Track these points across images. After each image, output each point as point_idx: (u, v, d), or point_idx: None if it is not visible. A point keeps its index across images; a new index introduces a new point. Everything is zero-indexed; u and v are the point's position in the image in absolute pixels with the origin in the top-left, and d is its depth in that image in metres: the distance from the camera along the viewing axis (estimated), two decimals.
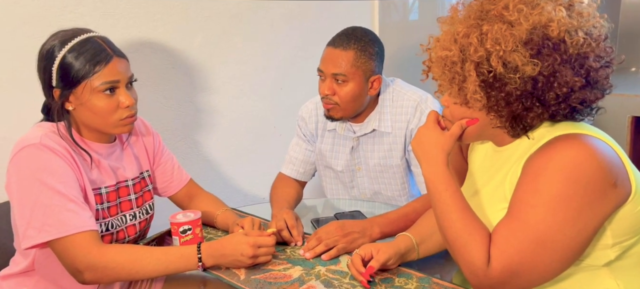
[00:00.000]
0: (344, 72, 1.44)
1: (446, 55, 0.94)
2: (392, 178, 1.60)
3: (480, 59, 0.90)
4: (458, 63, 0.93)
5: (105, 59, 1.17)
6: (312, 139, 1.69)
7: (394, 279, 1.10)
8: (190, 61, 1.89)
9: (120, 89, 1.20)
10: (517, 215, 0.90)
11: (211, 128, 1.99)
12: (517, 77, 0.89)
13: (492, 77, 0.90)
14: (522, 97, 0.91)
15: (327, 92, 1.47)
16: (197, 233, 1.25)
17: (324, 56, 1.49)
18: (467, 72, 0.92)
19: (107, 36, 1.24)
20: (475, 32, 0.91)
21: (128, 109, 1.20)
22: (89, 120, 1.20)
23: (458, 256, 0.94)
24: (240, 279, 1.12)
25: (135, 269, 1.11)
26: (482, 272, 0.90)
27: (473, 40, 0.91)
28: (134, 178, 1.32)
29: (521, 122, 0.95)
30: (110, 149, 1.28)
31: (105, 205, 1.23)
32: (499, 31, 0.89)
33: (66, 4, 1.58)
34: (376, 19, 2.38)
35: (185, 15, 1.84)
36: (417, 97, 1.54)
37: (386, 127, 1.55)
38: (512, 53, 0.88)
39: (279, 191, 1.61)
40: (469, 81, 0.92)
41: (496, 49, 0.89)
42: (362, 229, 1.26)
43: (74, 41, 1.16)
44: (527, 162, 0.93)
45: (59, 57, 1.15)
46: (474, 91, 0.92)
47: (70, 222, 1.10)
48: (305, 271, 1.14)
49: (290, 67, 2.16)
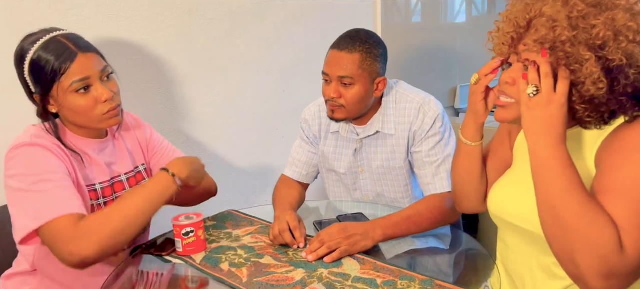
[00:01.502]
0: (350, 74, 1.44)
1: (557, 33, 0.88)
2: (395, 180, 1.60)
3: (601, 44, 0.86)
4: (567, 43, 0.88)
5: (70, 57, 1.14)
6: (315, 142, 1.69)
7: (397, 281, 1.10)
8: (192, 64, 1.89)
9: (95, 84, 1.18)
10: (631, 195, 0.84)
11: (214, 130, 2.00)
12: (633, 72, 0.87)
13: (611, 67, 0.87)
14: (630, 93, 0.89)
15: (333, 95, 1.47)
16: (200, 235, 1.25)
17: (328, 59, 1.48)
18: (582, 55, 0.87)
19: (111, 39, 1.23)
20: (596, 14, 0.87)
21: (107, 102, 1.19)
22: (74, 119, 1.20)
23: (579, 241, 0.84)
24: (242, 282, 1.12)
25: (120, 217, 1.09)
26: (615, 256, 0.82)
27: (596, 23, 0.86)
28: (127, 172, 1.31)
29: (610, 116, 0.93)
30: (103, 144, 1.28)
31: (100, 201, 1.23)
32: (623, 19, 0.85)
33: (70, 7, 1.59)
34: (379, 21, 2.38)
35: (188, 18, 1.85)
36: (420, 99, 1.54)
37: (389, 129, 1.55)
38: (637, 46, 0.85)
39: (282, 193, 1.61)
40: (588, 65, 0.87)
41: (620, 39, 0.85)
42: (365, 232, 1.26)
43: (38, 44, 1.14)
44: (610, 143, 0.91)
45: (27, 62, 1.15)
46: (598, 77, 0.87)
47: (59, 206, 1.09)
48: (307, 274, 1.14)
49: (293, 70, 2.17)
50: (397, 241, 1.32)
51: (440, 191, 1.45)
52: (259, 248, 1.28)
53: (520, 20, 0.94)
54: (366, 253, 1.24)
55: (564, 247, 0.87)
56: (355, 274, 1.13)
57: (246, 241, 1.33)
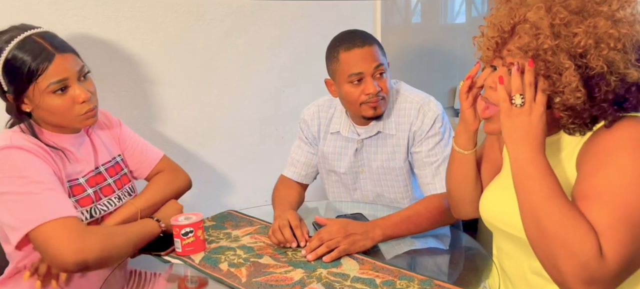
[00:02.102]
0: (383, 62, 1.47)
1: (540, 41, 0.88)
2: (395, 180, 1.59)
3: (583, 52, 0.86)
4: (549, 51, 0.88)
5: (47, 58, 1.12)
6: (314, 142, 1.69)
7: (396, 281, 1.10)
8: (192, 64, 1.89)
9: (72, 85, 1.16)
10: (610, 200, 0.85)
11: (214, 131, 2.00)
12: (614, 79, 0.86)
13: (591, 74, 0.86)
14: (611, 99, 0.89)
15: (376, 89, 1.45)
16: (199, 236, 1.25)
17: (355, 58, 1.45)
18: (562, 64, 0.87)
19: (111, 40, 1.23)
20: (578, 22, 0.86)
21: (85, 103, 1.18)
22: (50, 119, 1.19)
23: (560, 248, 0.84)
24: (241, 282, 1.12)
25: (122, 234, 1.18)
26: (596, 263, 0.82)
27: (578, 31, 0.86)
28: (105, 163, 1.32)
29: (592, 122, 0.93)
30: (78, 139, 1.27)
31: (85, 193, 1.23)
32: (605, 27, 0.85)
33: (70, 7, 1.59)
34: (378, 21, 2.38)
35: (188, 18, 1.85)
36: (420, 99, 1.54)
37: (390, 130, 1.55)
38: (618, 53, 0.85)
39: (281, 193, 1.61)
40: (566, 74, 0.87)
41: (601, 46, 0.85)
42: (364, 231, 1.26)
43: (13, 43, 1.12)
44: (589, 147, 0.91)
45: (1, 61, 1.12)
46: (576, 87, 0.87)
47: (52, 208, 1.08)
48: (306, 274, 1.14)
49: (293, 70, 2.17)
50: (396, 241, 1.32)
51: (440, 191, 1.45)
52: (258, 248, 1.28)
53: (505, 25, 0.94)
54: (365, 253, 1.24)
55: (546, 254, 0.87)
56: (354, 274, 1.13)
57: (245, 241, 1.33)
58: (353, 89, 1.47)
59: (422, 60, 2.69)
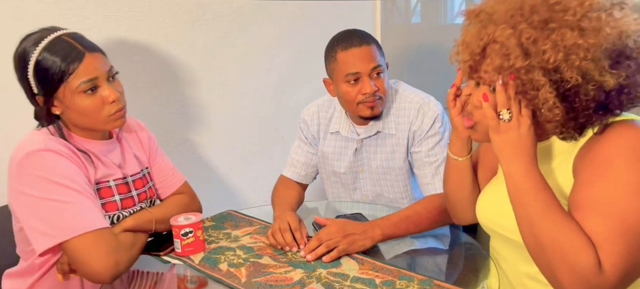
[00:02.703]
0: (380, 63, 1.47)
1: (511, 62, 0.88)
2: (395, 180, 1.60)
3: (553, 67, 0.85)
4: (522, 70, 0.87)
5: (78, 57, 1.12)
6: (314, 142, 1.69)
7: (396, 281, 1.10)
8: (192, 64, 1.89)
9: (102, 85, 1.16)
10: (607, 211, 0.84)
11: (213, 131, 2.00)
12: (591, 88, 0.85)
13: (568, 87, 0.86)
14: (592, 107, 0.88)
15: (373, 89, 1.45)
16: (199, 236, 1.25)
17: (351, 59, 1.45)
18: (537, 81, 0.87)
19: (110, 40, 1.23)
20: (544, 38, 0.86)
21: (114, 103, 1.18)
22: (78, 120, 1.18)
23: (559, 261, 0.84)
24: (241, 282, 1.12)
25: (140, 244, 1.23)
26: (594, 276, 0.82)
27: (546, 48, 0.85)
28: (134, 174, 1.31)
29: (581, 129, 0.92)
30: (110, 146, 1.27)
31: (113, 198, 1.23)
32: (572, 38, 0.84)
33: (69, 7, 1.59)
34: (378, 21, 2.38)
35: (187, 18, 1.85)
36: (420, 99, 1.54)
37: (390, 129, 1.55)
38: (589, 63, 0.83)
39: (281, 193, 1.61)
40: (543, 91, 0.87)
41: (572, 58, 0.84)
42: (363, 231, 1.26)
43: (43, 44, 1.12)
44: (585, 153, 0.90)
45: (31, 64, 1.12)
46: (553, 104, 0.87)
47: (88, 219, 1.09)
48: (306, 274, 1.14)
49: (293, 70, 2.17)
50: (396, 241, 1.32)
51: (439, 191, 1.45)
52: (257, 248, 1.28)
53: (475, 47, 0.94)
54: (365, 253, 1.24)
55: (546, 266, 0.88)
56: (353, 274, 1.13)
57: (245, 241, 1.33)
58: (350, 89, 1.47)
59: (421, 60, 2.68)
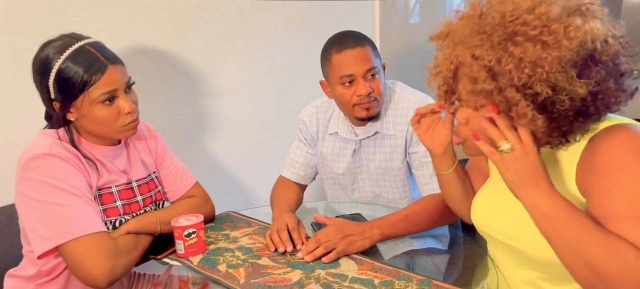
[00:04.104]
0: (376, 64, 1.46)
1: (480, 87, 0.88)
2: (393, 181, 1.60)
3: (522, 84, 0.84)
4: (494, 91, 0.87)
5: (101, 69, 1.14)
6: (313, 143, 1.69)
7: (394, 281, 1.10)
8: (191, 65, 1.89)
9: (120, 96, 1.18)
10: (637, 214, 0.83)
11: (212, 132, 2.00)
12: (564, 97, 0.85)
13: (542, 100, 0.85)
14: (571, 115, 0.88)
15: (368, 91, 1.45)
16: (201, 236, 1.25)
17: (346, 60, 1.45)
18: (512, 98, 0.86)
19: (109, 41, 1.23)
20: (507, 57, 0.85)
21: (130, 114, 1.20)
22: (93, 128, 1.20)
23: (617, 276, 0.82)
24: (239, 283, 1.12)
25: (141, 248, 1.22)
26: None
27: (510, 67, 0.84)
28: (139, 180, 1.32)
29: (565, 136, 0.92)
30: (116, 151, 1.28)
31: (115, 204, 1.23)
32: (534, 53, 0.83)
33: (68, 8, 1.59)
34: (377, 21, 2.38)
35: (186, 19, 1.85)
36: (417, 99, 1.55)
37: (388, 130, 1.55)
38: (556, 74, 0.83)
39: (280, 194, 1.61)
40: (520, 106, 0.86)
41: (538, 72, 0.83)
42: (362, 231, 1.26)
43: (67, 53, 1.13)
44: (588, 164, 0.89)
45: (54, 71, 1.13)
46: (532, 117, 0.86)
47: (85, 223, 1.10)
48: (304, 275, 1.14)
49: (292, 71, 2.17)
50: (395, 241, 1.32)
51: (438, 191, 1.45)
52: (256, 249, 1.28)
53: (446, 72, 0.94)
54: (364, 253, 1.24)
55: (603, 285, 0.84)
56: (352, 275, 1.13)
57: (244, 242, 1.33)
58: (345, 91, 1.47)
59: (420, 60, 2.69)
